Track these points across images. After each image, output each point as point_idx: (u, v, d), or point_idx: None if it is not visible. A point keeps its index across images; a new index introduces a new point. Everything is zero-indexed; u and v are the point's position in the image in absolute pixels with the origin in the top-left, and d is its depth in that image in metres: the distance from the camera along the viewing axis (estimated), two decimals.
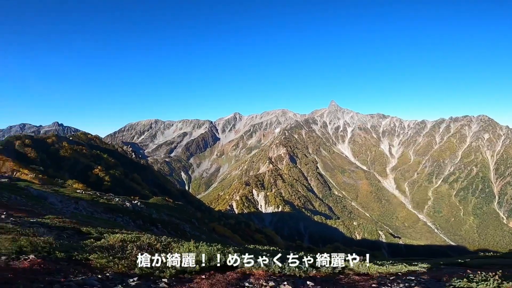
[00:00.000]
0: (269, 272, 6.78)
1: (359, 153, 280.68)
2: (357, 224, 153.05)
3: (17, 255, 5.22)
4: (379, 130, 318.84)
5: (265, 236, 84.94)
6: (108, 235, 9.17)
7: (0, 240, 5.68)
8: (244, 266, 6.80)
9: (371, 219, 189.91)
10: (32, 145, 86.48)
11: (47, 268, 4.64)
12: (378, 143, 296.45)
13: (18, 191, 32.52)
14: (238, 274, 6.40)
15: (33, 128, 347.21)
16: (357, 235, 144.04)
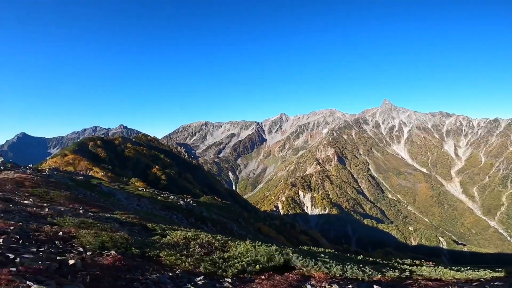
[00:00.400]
0: (329, 274, 6.59)
1: (418, 155, 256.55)
2: (413, 230, 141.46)
3: (100, 251, 5.50)
4: (442, 129, 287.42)
5: (310, 238, 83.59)
6: (171, 232, 10.09)
7: (84, 235, 6.07)
8: (303, 268, 6.72)
9: (431, 225, 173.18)
10: (103, 145, 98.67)
11: (126, 265, 4.85)
12: (440, 143, 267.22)
13: (91, 188, 37.71)
14: (297, 276, 6.32)
15: (103, 130, 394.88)
16: (412, 240, 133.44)
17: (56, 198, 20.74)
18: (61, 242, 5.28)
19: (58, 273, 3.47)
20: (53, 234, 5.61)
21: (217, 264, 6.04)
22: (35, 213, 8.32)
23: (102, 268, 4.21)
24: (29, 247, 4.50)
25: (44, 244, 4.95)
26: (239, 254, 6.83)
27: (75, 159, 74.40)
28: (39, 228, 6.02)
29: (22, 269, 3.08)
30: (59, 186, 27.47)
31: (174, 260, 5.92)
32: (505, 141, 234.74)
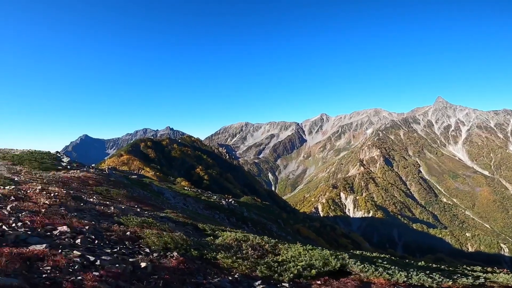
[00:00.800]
0: (391, 281, 6.24)
1: (478, 156, 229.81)
2: (471, 236, 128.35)
3: (164, 252, 5.71)
4: (506, 128, 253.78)
5: (351, 241, 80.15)
6: (220, 232, 10.43)
7: (149, 235, 6.44)
8: (360, 274, 6.48)
9: (492, 231, 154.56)
10: (152, 146, 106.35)
11: (189, 268, 4.99)
12: (505, 144, 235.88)
13: (144, 186, 40.75)
14: (356, 282, 6.11)
15: (152, 132, 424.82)
16: (469, 247, 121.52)
17: (115, 196, 22.82)
18: (130, 243, 5.80)
19: (133, 276, 3.82)
20: (122, 234, 6.19)
21: (272, 268, 5.98)
22: (103, 211, 9.27)
23: (169, 271, 4.44)
24: (104, 247, 5.03)
25: (116, 245, 5.49)
26: (292, 257, 6.75)
27: (129, 159, 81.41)
28: (109, 227, 6.68)
29: (103, 273, 3.45)
30: (117, 184, 30.21)
31: (231, 263, 6.00)
32: None
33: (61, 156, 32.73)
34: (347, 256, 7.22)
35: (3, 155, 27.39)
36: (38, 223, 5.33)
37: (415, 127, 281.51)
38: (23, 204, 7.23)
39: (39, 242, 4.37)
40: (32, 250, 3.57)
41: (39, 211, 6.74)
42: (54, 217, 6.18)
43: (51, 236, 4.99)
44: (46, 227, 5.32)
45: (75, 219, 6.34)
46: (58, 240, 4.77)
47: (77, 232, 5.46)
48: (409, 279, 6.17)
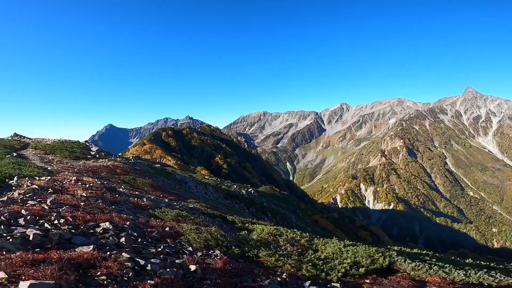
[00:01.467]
0: (447, 279, 5.92)
1: (509, 148, 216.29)
2: (497, 231, 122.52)
3: (206, 250, 5.63)
4: None
5: (370, 233, 78.93)
6: (250, 225, 10.29)
7: (188, 231, 6.33)
8: (410, 272, 6.16)
9: None
10: (173, 135, 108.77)
11: (235, 268, 4.85)
12: None
13: (167, 175, 41.76)
14: (408, 281, 5.83)
15: (172, 122, 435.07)
16: (495, 243, 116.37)
17: (141, 186, 23.40)
18: (171, 240, 5.74)
19: (186, 282, 3.69)
20: (161, 230, 6.15)
21: (318, 267, 5.72)
22: (137, 203, 9.39)
23: (218, 274, 4.31)
24: (148, 247, 4.97)
25: (159, 243, 5.44)
26: (333, 254, 6.45)
27: (151, 148, 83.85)
28: (147, 222, 6.68)
29: (157, 280, 3.32)
30: (142, 173, 31.04)
31: (274, 261, 5.79)
32: None
33: (90, 146, 33.97)
34: (395, 253, 6.82)
35: (36, 145, 28.73)
36: (80, 219, 5.35)
37: (442, 118, 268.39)
38: (62, 197, 7.36)
39: (84, 242, 4.34)
40: (81, 253, 3.50)
41: (78, 205, 6.83)
42: (95, 212, 6.22)
43: (94, 234, 4.99)
44: (89, 223, 5.34)
45: (115, 214, 6.36)
46: (103, 240, 4.75)
47: (120, 229, 5.45)
48: (467, 277, 5.75)
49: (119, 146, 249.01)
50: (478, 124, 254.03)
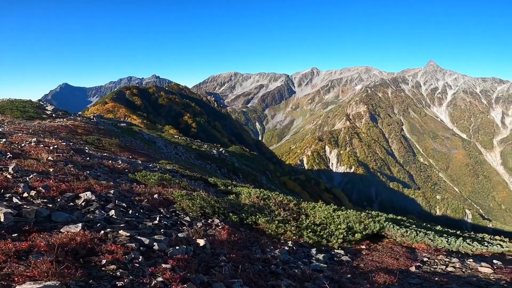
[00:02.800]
0: (432, 247, 6.24)
1: (460, 119, 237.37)
2: (441, 199, 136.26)
3: (204, 219, 5.31)
4: (491, 96, 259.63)
5: (333, 197, 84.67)
6: (233, 188, 10.11)
7: (180, 198, 5.85)
8: (398, 238, 6.34)
9: (460, 195, 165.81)
10: (138, 94, 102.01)
11: (240, 239, 4.69)
12: (487, 110, 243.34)
13: (134, 135, 39.55)
14: (399, 247, 6.05)
15: (137, 80, 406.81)
16: (437, 210, 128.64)
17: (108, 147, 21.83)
18: (165, 210, 5.30)
19: (201, 261, 3.35)
20: (150, 198, 5.66)
21: (317, 233, 5.78)
22: (113, 166, 8.59)
23: (227, 246, 4.06)
24: (143, 219, 4.49)
25: (152, 214, 4.97)
26: (327, 219, 6.52)
27: (114, 106, 78.11)
28: (132, 189, 6.10)
29: (173, 263, 2.89)
30: (107, 133, 28.89)
31: (275, 229, 5.68)
32: None
33: (45, 105, 30.48)
34: (383, 219, 7.08)
35: None
36: (54, 190, 4.57)
37: (403, 87, 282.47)
38: (25, 162, 6.32)
39: (68, 219, 3.68)
40: (71, 236, 2.88)
41: (47, 172, 5.93)
42: (69, 180, 5.44)
43: (76, 208, 4.31)
44: (66, 194, 4.60)
45: (93, 181, 5.65)
46: (90, 214, 4.10)
47: (104, 200, 4.82)
48: (449, 244, 6.19)
49: (76, 106, 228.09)
50: (435, 95, 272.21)
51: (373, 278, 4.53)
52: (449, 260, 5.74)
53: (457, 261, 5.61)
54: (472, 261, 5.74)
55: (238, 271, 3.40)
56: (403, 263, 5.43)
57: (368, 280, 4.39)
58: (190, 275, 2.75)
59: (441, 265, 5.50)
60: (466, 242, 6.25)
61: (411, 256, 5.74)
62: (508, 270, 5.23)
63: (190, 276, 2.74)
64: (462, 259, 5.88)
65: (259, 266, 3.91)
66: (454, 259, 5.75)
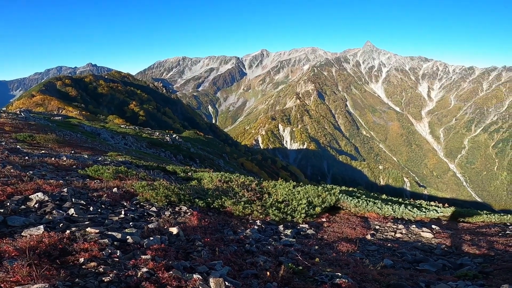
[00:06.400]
0: (381, 215, 6.76)
1: (393, 94, 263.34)
2: (383, 168, 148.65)
3: (171, 208, 5.21)
4: (418, 72, 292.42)
5: (290, 174, 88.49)
6: (193, 173, 9.88)
7: (140, 189, 5.62)
8: (351, 209, 6.83)
9: (398, 164, 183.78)
10: (72, 84, 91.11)
11: (211, 223, 4.71)
12: (416, 85, 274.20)
13: (74, 128, 35.78)
14: (355, 217, 6.47)
15: (69, 70, 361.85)
16: (381, 180, 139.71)
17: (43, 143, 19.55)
18: (128, 203, 5.04)
19: (177, 249, 3.33)
20: (110, 192, 5.30)
21: (281, 210, 6.01)
22: (58, 164, 7.75)
23: (199, 232, 4.04)
24: (107, 214, 4.23)
25: (116, 208, 4.70)
26: (289, 196, 6.81)
27: (44, 99, 69.07)
28: (86, 185, 5.64)
29: (152, 253, 2.84)
30: (40, 128, 25.70)
31: (241, 209, 5.79)
32: (476, 87, 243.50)
33: None
34: (338, 191, 7.66)
35: None
36: (0, 195, 4.03)
37: (345, 66, 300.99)
38: None
39: (25, 222, 3.33)
40: (37, 238, 2.64)
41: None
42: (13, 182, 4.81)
43: (30, 210, 3.88)
44: (14, 197, 4.08)
45: (41, 181, 5.08)
46: (48, 215, 3.73)
47: (59, 199, 4.39)
48: (394, 212, 6.99)
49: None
50: (372, 73, 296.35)
51: (337, 247, 5.03)
52: (396, 227, 6.40)
53: (403, 228, 6.33)
54: (415, 227, 6.46)
55: (216, 254, 3.48)
56: (360, 232, 6.01)
57: (333, 250, 4.86)
58: (172, 262, 2.77)
59: (391, 232, 6.19)
60: (408, 209, 7.11)
61: (366, 225, 6.34)
62: (446, 235, 6.15)
63: (173, 263, 2.76)
64: (407, 225, 6.60)
65: (234, 247, 4.04)
66: (401, 226, 6.46)
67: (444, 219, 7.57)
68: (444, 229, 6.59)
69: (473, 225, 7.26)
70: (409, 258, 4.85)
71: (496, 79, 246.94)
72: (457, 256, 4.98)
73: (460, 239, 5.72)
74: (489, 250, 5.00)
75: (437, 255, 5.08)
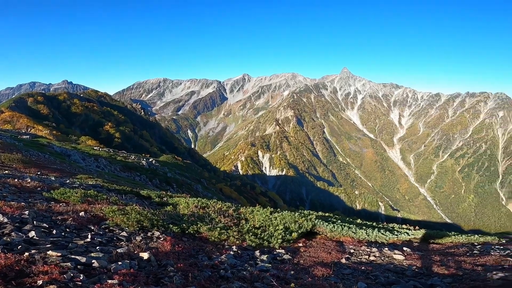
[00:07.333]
0: (355, 239, 6.89)
1: (368, 121, 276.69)
2: (359, 194, 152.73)
3: (143, 233, 5.05)
4: (390, 99, 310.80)
5: (269, 199, 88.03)
6: (169, 199, 9.53)
7: (110, 213, 5.38)
8: (327, 233, 6.91)
9: (373, 189, 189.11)
10: (44, 102, 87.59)
11: (184, 248, 4.57)
12: (388, 112, 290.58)
13: (42, 148, 33.97)
14: (331, 241, 6.52)
15: (42, 86, 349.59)
16: (357, 204, 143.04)
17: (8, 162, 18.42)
18: (96, 227, 4.74)
19: (148, 273, 3.13)
20: (76, 216, 4.98)
21: (258, 236, 5.96)
22: (21, 185, 7.23)
23: (172, 257, 3.83)
24: (71, 238, 3.94)
25: (82, 232, 4.39)
26: (266, 222, 6.80)
27: (13, 116, 65.73)
28: (50, 208, 5.29)
29: (119, 278, 2.65)
30: (6, 147, 24.26)
31: (218, 235, 5.70)
32: (443, 114, 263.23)
33: None
34: (314, 217, 7.75)
35: None
36: None
37: (323, 92, 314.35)
38: None
39: None
40: None
41: None
42: None
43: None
44: None
45: (0, 203, 4.70)
46: (6, 237, 3.42)
47: (19, 221, 4.07)
48: (368, 236, 7.16)
49: None
50: (348, 100, 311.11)
51: (312, 272, 5.00)
52: (370, 250, 6.57)
53: (376, 251, 6.49)
54: (387, 250, 6.66)
55: (189, 279, 3.35)
56: (335, 256, 6.07)
57: (309, 274, 4.83)
58: (141, 287, 2.60)
59: (365, 255, 6.31)
60: (381, 233, 7.34)
61: (341, 249, 6.44)
62: (416, 256, 6.36)
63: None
64: (380, 248, 6.77)
65: (208, 272, 3.92)
66: (374, 249, 6.63)
67: (415, 241, 7.83)
68: (415, 250, 6.81)
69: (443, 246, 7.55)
70: (382, 280, 4.91)
71: (460, 106, 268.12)
72: (427, 277, 5.11)
73: (430, 260, 5.90)
74: (457, 270, 5.21)
75: (409, 277, 5.20)
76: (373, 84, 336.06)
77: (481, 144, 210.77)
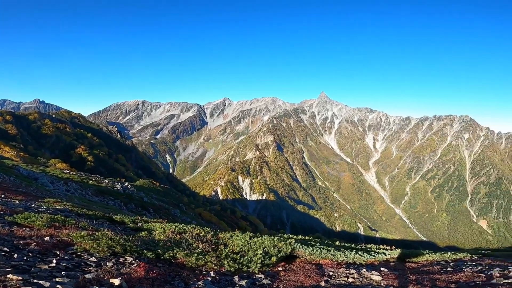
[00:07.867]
0: (334, 261, 6.89)
1: (344, 145, 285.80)
2: (338, 216, 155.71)
3: (115, 259, 4.83)
4: (365, 123, 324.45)
5: (250, 223, 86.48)
6: (144, 224, 9.06)
7: (79, 238, 5.07)
8: (307, 256, 6.90)
9: (351, 211, 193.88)
10: (13, 121, 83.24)
11: (160, 274, 4.38)
12: (363, 136, 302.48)
13: (8, 170, 31.78)
14: (310, 264, 6.46)
15: (12, 104, 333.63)
16: (337, 226, 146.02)
17: None
18: (62, 252, 4.38)
19: None
20: (41, 241, 4.60)
21: (237, 261, 5.79)
22: None
23: (145, 283, 3.58)
24: (34, 263, 3.60)
25: (46, 257, 4.04)
26: (245, 247, 6.65)
27: None
28: (12, 232, 4.87)
29: None
30: None
31: (195, 261, 5.48)
32: (413, 137, 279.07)
33: None
34: (293, 241, 7.70)
35: None
36: None
37: (302, 117, 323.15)
38: None
39: None
40: None
41: None
42: None
43: None
44: None
45: None
46: None
47: None
48: (346, 257, 7.21)
49: None
50: (326, 124, 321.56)
51: None
52: (348, 272, 6.59)
53: (354, 272, 6.52)
54: (365, 271, 6.70)
55: None
56: (315, 279, 5.98)
57: None
58: None
59: (343, 277, 6.30)
60: (359, 254, 7.45)
61: (320, 272, 6.39)
62: (393, 276, 6.44)
63: None
64: (358, 270, 6.81)
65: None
66: (352, 270, 6.66)
67: (392, 261, 7.94)
68: (392, 270, 6.88)
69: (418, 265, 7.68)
70: None
71: (428, 129, 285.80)
72: None
73: (406, 279, 5.97)
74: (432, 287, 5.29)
75: None
76: (349, 108, 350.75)
77: (450, 165, 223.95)
